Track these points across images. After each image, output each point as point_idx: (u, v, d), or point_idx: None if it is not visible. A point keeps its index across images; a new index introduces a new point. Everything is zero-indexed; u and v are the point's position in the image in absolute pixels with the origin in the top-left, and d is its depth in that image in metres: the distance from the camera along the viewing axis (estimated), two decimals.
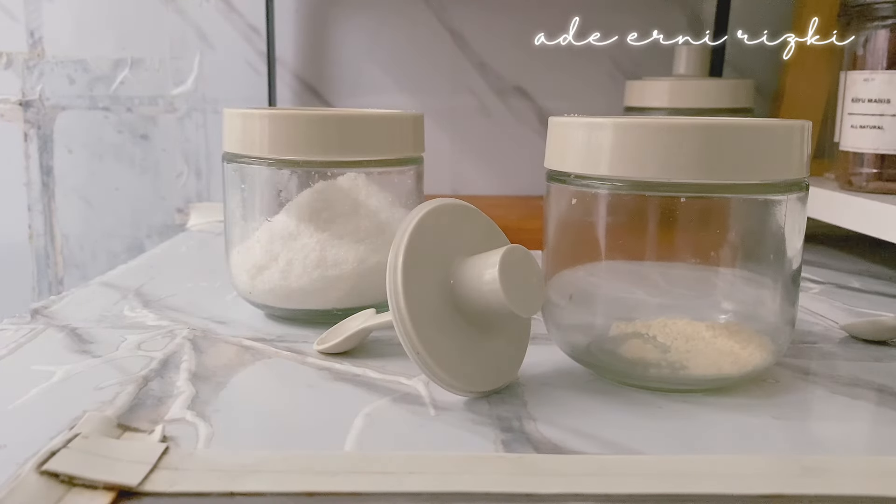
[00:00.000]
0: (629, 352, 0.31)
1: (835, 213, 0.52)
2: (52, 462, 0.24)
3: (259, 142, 0.38)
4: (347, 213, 0.39)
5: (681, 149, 0.28)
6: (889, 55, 0.51)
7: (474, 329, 0.30)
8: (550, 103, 0.76)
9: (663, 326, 0.31)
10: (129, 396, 0.30)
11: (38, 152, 0.75)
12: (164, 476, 0.23)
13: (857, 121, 0.52)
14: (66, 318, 0.39)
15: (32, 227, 0.76)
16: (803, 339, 0.39)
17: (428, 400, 0.30)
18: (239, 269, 0.40)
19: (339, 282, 0.38)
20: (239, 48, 0.74)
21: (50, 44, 0.73)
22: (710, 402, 0.30)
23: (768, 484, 0.24)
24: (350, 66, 0.75)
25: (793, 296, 0.32)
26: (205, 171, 0.76)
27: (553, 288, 0.33)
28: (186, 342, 0.36)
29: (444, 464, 0.25)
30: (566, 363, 0.34)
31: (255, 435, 0.27)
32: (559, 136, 0.32)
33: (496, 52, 0.75)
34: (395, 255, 0.29)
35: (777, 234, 0.31)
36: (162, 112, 0.75)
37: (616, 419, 0.29)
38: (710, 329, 0.31)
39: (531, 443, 0.26)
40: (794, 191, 0.30)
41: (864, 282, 0.52)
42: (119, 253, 0.76)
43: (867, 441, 0.28)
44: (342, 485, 0.23)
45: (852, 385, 0.33)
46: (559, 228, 0.33)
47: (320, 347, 0.35)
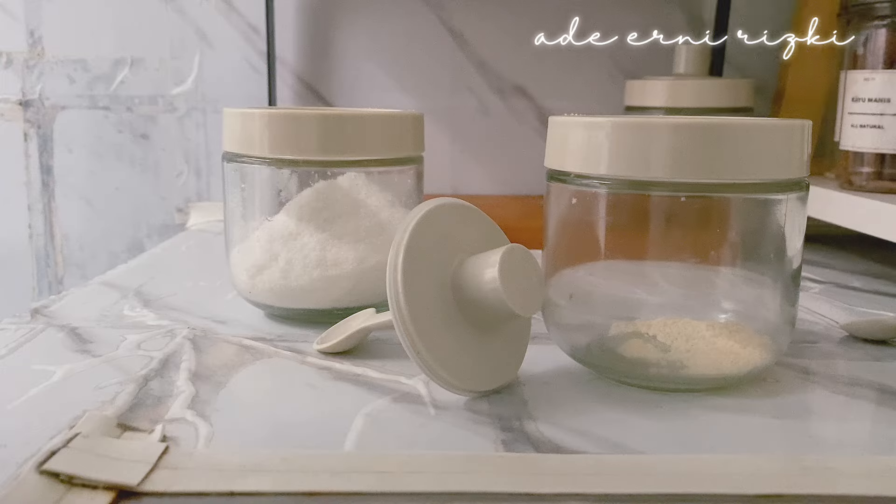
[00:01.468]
0: (629, 351, 0.31)
1: (835, 212, 0.52)
2: (51, 462, 0.24)
3: (259, 141, 0.38)
4: (347, 213, 0.39)
5: (681, 148, 0.28)
6: (889, 54, 0.51)
7: (474, 329, 0.30)
8: (550, 103, 0.76)
9: (663, 326, 0.31)
10: (129, 396, 0.30)
11: (38, 152, 0.75)
12: (164, 476, 0.23)
13: (857, 120, 0.52)
14: (66, 318, 0.39)
15: (32, 226, 0.76)
16: (803, 339, 0.39)
17: (428, 400, 0.30)
18: (239, 269, 0.40)
19: (339, 281, 0.38)
20: (239, 48, 0.74)
21: (50, 43, 0.73)
22: (710, 402, 0.30)
23: (768, 484, 0.24)
24: (350, 66, 0.75)
25: (793, 295, 0.32)
26: (205, 170, 0.76)
27: (553, 288, 0.33)
28: (186, 342, 0.36)
29: (444, 464, 0.25)
30: (566, 363, 0.34)
31: (255, 435, 0.27)
32: (559, 136, 0.32)
33: (496, 52, 0.75)
34: (395, 254, 0.29)
35: (777, 233, 0.31)
36: (162, 112, 0.75)
37: (616, 419, 0.29)
38: (711, 329, 0.31)
39: (531, 442, 0.26)
40: (795, 190, 0.30)
41: (864, 281, 0.52)
42: (119, 253, 0.76)
43: (867, 441, 0.28)
44: (342, 485, 0.23)
45: (852, 385, 0.33)
46: (559, 228, 0.33)
47: (320, 347, 0.35)
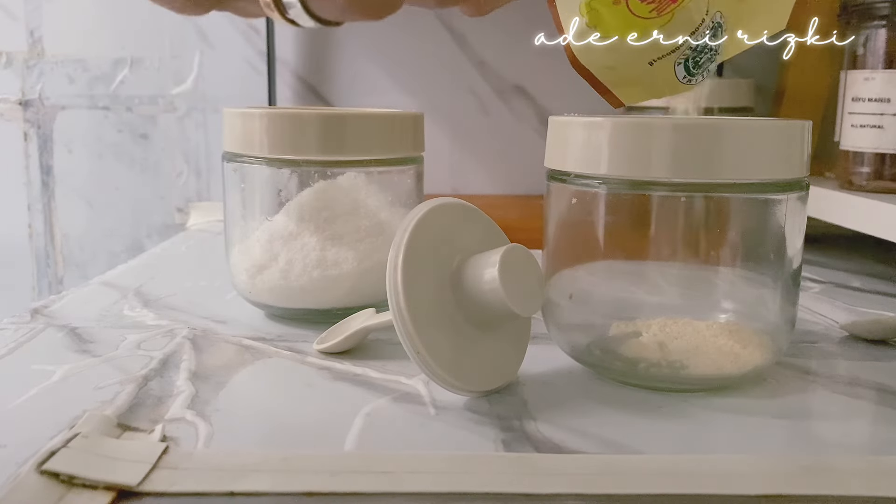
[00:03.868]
0: (629, 351, 0.31)
1: (835, 212, 0.52)
2: (51, 462, 0.24)
3: (259, 141, 0.38)
4: (347, 213, 0.39)
5: (681, 148, 0.28)
6: (889, 54, 0.51)
7: (474, 329, 0.30)
8: (550, 103, 0.76)
9: (663, 326, 0.31)
10: (129, 396, 0.30)
11: (37, 152, 0.75)
12: (164, 476, 0.23)
13: (858, 120, 0.52)
14: (66, 318, 0.39)
15: (32, 226, 0.76)
16: (803, 339, 0.39)
17: (428, 399, 0.30)
18: (239, 269, 0.40)
19: (339, 281, 0.38)
20: (239, 47, 0.74)
21: (50, 43, 0.73)
22: (710, 402, 0.30)
23: (768, 484, 0.24)
24: (350, 66, 0.75)
25: (793, 295, 0.32)
26: (205, 170, 0.76)
27: (553, 288, 0.33)
28: (186, 341, 0.36)
29: (444, 464, 0.25)
30: (566, 363, 0.34)
31: (255, 435, 0.27)
32: (559, 136, 0.32)
33: (496, 52, 0.75)
34: (395, 254, 0.29)
35: (777, 233, 0.31)
36: (162, 111, 0.75)
37: (616, 419, 0.29)
38: (710, 329, 0.31)
39: (531, 442, 0.26)
40: (795, 190, 0.30)
41: (864, 281, 0.52)
42: (119, 252, 0.76)
43: (867, 441, 0.28)
44: (342, 485, 0.23)
45: (852, 384, 0.33)
46: (559, 228, 0.33)
47: (320, 347, 0.35)
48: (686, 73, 0.31)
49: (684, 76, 0.31)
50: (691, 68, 0.31)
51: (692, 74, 0.31)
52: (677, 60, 0.31)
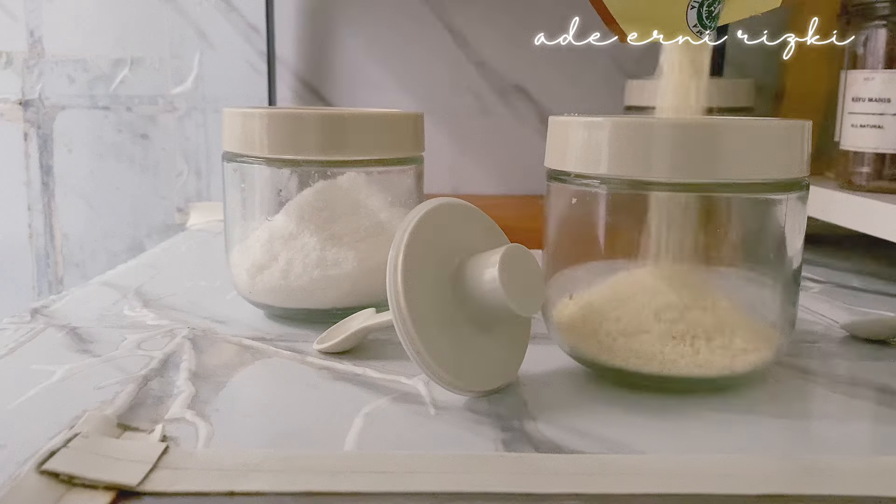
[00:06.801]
0: (629, 351, 0.31)
1: (835, 212, 0.52)
2: (51, 462, 0.24)
3: (259, 141, 0.38)
4: (347, 213, 0.39)
5: (681, 148, 0.28)
6: (889, 54, 0.51)
7: (474, 328, 0.30)
8: (550, 103, 0.76)
9: (663, 326, 0.31)
10: (129, 396, 0.30)
11: (37, 151, 0.75)
12: (164, 476, 0.23)
13: (858, 120, 0.52)
14: (66, 318, 0.39)
15: (32, 226, 0.76)
16: (803, 339, 0.39)
17: (428, 399, 0.30)
18: (239, 269, 0.40)
19: (339, 281, 0.38)
20: (239, 47, 0.74)
21: (50, 43, 0.73)
22: (710, 402, 0.30)
23: (768, 484, 0.24)
24: (350, 66, 0.75)
25: (793, 295, 0.32)
26: (205, 170, 0.76)
27: (553, 288, 0.33)
28: (186, 341, 0.36)
29: (444, 464, 0.25)
30: (566, 363, 0.34)
31: (255, 435, 0.27)
32: (559, 136, 0.32)
33: (496, 52, 0.75)
34: (395, 254, 0.29)
35: (777, 233, 0.31)
36: (162, 111, 0.75)
37: (616, 419, 0.29)
38: (710, 329, 0.31)
39: (531, 442, 0.26)
40: (795, 190, 0.30)
41: (864, 281, 0.52)
42: (119, 252, 0.76)
43: (867, 441, 0.28)
44: (342, 485, 0.23)
45: (852, 384, 0.33)
46: (559, 228, 0.33)
47: (320, 347, 0.35)
48: (698, 21, 0.31)
49: (695, 24, 0.31)
50: (704, 18, 0.30)
51: (703, 26, 0.31)
52: (692, 3, 0.30)
